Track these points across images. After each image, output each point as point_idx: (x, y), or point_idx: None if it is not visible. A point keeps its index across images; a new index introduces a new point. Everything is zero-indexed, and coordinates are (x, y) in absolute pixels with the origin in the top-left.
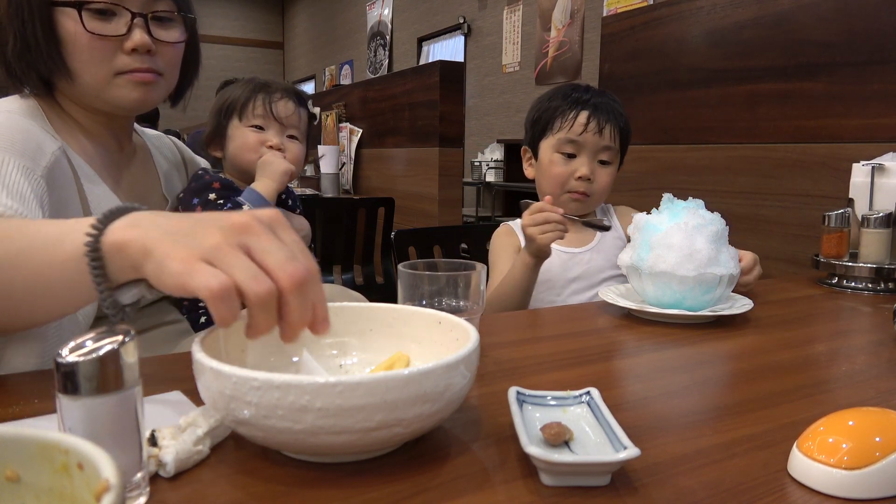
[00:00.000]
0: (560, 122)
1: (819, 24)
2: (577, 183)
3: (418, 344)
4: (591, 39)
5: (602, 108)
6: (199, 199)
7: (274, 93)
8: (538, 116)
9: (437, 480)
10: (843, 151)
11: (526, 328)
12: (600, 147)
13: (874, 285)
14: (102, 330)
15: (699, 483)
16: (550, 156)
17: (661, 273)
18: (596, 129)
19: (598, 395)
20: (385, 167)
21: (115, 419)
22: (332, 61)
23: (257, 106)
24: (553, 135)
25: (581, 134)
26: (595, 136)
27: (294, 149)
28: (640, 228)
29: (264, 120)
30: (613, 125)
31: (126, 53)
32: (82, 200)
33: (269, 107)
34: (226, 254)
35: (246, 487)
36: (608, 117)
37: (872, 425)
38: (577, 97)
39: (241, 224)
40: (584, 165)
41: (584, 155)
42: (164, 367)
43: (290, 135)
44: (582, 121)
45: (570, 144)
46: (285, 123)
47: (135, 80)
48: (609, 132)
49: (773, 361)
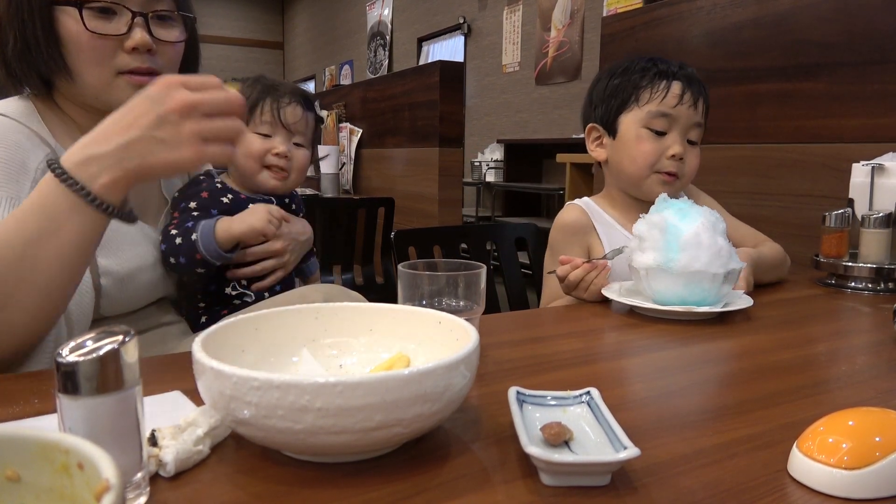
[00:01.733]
0: (649, 94)
1: (819, 24)
2: (669, 162)
3: (418, 344)
4: (591, 39)
5: (694, 79)
6: (183, 203)
7: (282, 97)
8: (615, 89)
9: (437, 480)
10: (843, 151)
11: (526, 328)
12: (692, 123)
13: (874, 285)
14: (102, 330)
15: (699, 483)
16: (637, 131)
17: (696, 273)
18: (691, 102)
19: (598, 395)
20: (385, 167)
21: (115, 419)
22: (332, 61)
23: (265, 112)
24: (640, 107)
25: (675, 106)
26: (689, 110)
27: (300, 156)
28: (664, 230)
29: (272, 127)
30: (703, 99)
31: (126, 52)
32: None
33: (276, 113)
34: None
35: (246, 487)
36: (699, 90)
37: (872, 425)
38: (664, 68)
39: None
40: (676, 143)
41: (675, 131)
42: (164, 367)
43: (296, 142)
44: (676, 91)
45: (662, 119)
46: (292, 130)
47: (135, 82)
48: (701, 107)
49: (773, 361)
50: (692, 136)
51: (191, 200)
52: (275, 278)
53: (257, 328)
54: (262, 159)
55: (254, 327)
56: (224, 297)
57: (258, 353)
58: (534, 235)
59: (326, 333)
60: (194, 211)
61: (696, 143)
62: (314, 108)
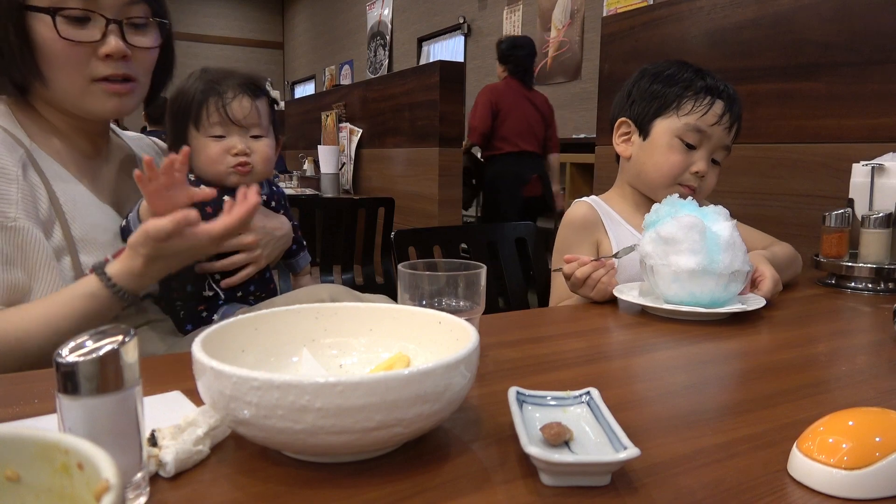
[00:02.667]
0: (692, 106)
1: (819, 24)
2: (691, 177)
3: (418, 344)
4: (591, 39)
5: (735, 102)
6: None
7: (225, 93)
8: (659, 91)
9: (437, 480)
10: (843, 151)
11: (526, 328)
12: (722, 144)
13: (874, 285)
14: (102, 330)
15: (699, 483)
16: (670, 140)
17: (736, 272)
18: (728, 124)
19: (598, 395)
20: (385, 167)
21: (115, 419)
22: (332, 61)
23: (212, 113)
24: (679, 116)
25: (713, 125)
26: (724, 132)
27: (260, 148)
28: (703, 231)
29: (223, 127)
30: (738, 124)
31: (100, 59)
32: (53, 201)
33: (224, 112)
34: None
35: (246, 487)
36: (737, 115)
37: (872, 425)
38: (711, 84)
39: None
40: (702, 160)
41: (704, 148)
42: (164, 367)
43: (253, 135)
44: (717, 111)
45: (697, 134)
46: (245, 125)
47: (110, 90)
48: (734, 131)
49: (773, 361)
50: (718, 156)
51: None
52: (245, 274)
53: (257, 328)
54: (222, 162)
55: (254, 327)
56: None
57: (258, 353)
58: (534, 235)
59: (326, 333)
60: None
61: (717, 164)
62: (265, 93)
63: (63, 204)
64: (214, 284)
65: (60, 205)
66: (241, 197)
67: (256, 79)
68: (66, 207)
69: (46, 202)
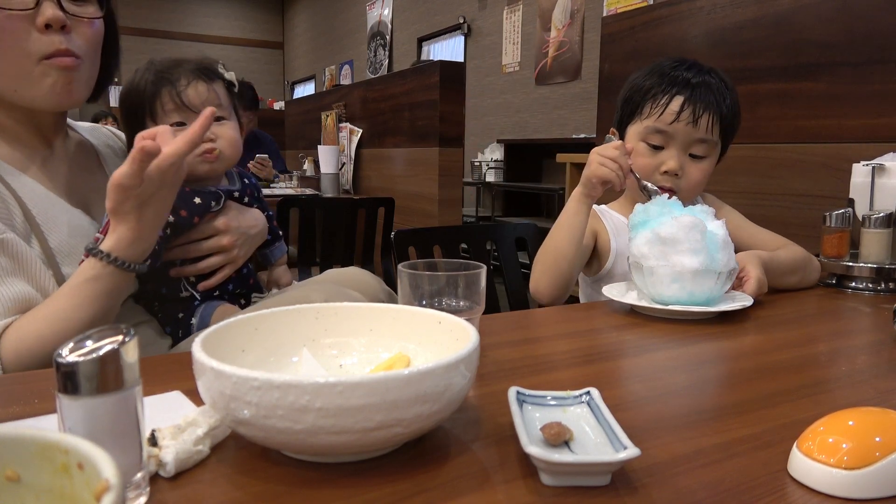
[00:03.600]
0: (650, 108)
1: (819, 24)
2: (663, 178)
3: (418, 344)
4: (591, 39)
5: (702, 92)
6: None
7: (179, 80)
8: (629, 96)
9: (437, 480)
10: (843, 151)
11: (526, 328)
12: (693, 139)
13: (874, 285)
14: (102, 330)
15: (699, 483)
16: (636, 144)
17: (732, 270)
18: (690, 119)
19: (598, 395)
20: (385, 167)
21: (115, 419)
22: (332, 61)
23: (166, 102)
24: (641, 121)
25: (671, 123)
26: (688, 127)
27: (226, 132)
28: (703, 231)
29: (180, 114)
30: (713, 114)
31: (40, 32)
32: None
33: (178, 99)
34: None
35: (246, 487)
36: (707, 104)
37: (872, 425)
38: (676, 76)
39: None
40: (672, 159)
41: (673, 147)
42: (164, 367)
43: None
44: (674, 108)
45: (658, 135)
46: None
47: (56, 64)
48: (707, 122)
49: (773, 361)
50: (697, 150)
51: None
52: (222, 275)
53: (257, 328)
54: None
55: (254, 327)
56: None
57: (258, 353)
58: (534, 235)
59: (326, 333)
60: None
61: (701, 158)
62: (219, 76)
63: (36, 216)
64: (189, 287)
65: (34, 216)
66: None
67: (208, 63)
68: (40, 219)
69: (20, 216)
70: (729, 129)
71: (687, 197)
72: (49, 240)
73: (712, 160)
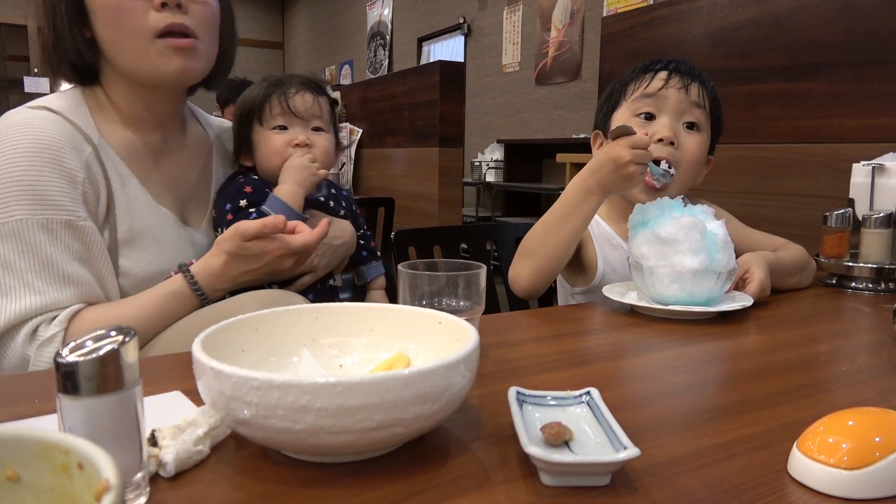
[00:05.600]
0: (635, 85)
1: (819, 24)
2: (658, 147)
3: (418, 344)
4: (591, 39)
5: (685, 66)
6: (231, 205)
7: (289, 88)
8: (610, 92)
9: (437, 480)
10: (843, 151)
11: (526, 328)
12: (687, 104)
13: (874, 285)
14: (102, 330)
15: (699, 483)
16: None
17: (732, 270)
18: (680, 85)
19: (598, 395)
20: (385, 167)
21: (115, 419)
22: (332, 61)
23: (274, 106)
24: (627, 101)
25: (661, 89)
26: (679, 93)
27: (322, 142)
28: (703, 231)
29: (285, 118)
30: (701, 85)
31: (157, 10)
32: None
33: (286, 104)
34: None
35: (246, 487)
36: (693, 75)
37: (872, 425)
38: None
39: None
40: (665, 127)
41: (665, 115)
42: (164, 367)
43: (314, 127)
44: (662, 76)
45: (648, 100)
46: (307, 117)
47: (173, 45)
48: (697, 91)
49: (773, 361)
50: (690, 117)
51: (238, 199)
52: (301, 283)
53: (257, 328)
54: (283, 153)
55: (254, 327)
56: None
57: (258, 353)
58: None
59: (326, 333)
60: (249, 207)
61: (697, 128)
62: (326, 92)
63: (118, 206)
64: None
65: (115, 206)
66: (324, 223)
67: (317, 79)
68: (119, 210)
69: (105, 202)
70: (715, 114)
71: (687, 173)
72: (119, 230)
73: (706, 137)
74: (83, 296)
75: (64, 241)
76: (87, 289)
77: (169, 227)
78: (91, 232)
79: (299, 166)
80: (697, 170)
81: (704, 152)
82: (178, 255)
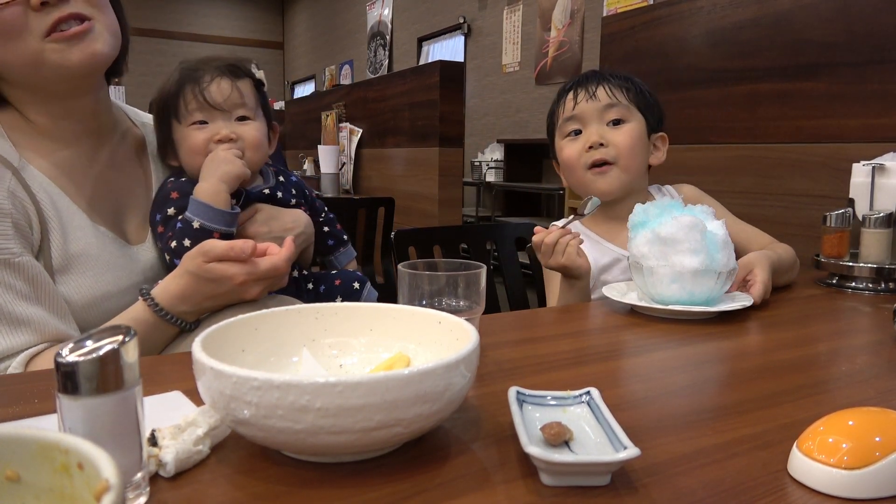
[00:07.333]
0: (558, 112)
1: (819, 24)
2: (590, 153)
3: (418, 344)
4: (591, 39)
5: (588, 76)
6: (160, 216)
7: (202, 77)
8: (548, 124)
9: (437, 480)
10: (843, 151)
11: (526, 328)
12: (600, 108)
13: (875, 285)
14: (103, 330)
15: (699, 483)
16: (560, 144)
17: (732, 270)
18: (587, 96)
19: (598, 394)
20: (385, 167)
21: (115, 419)
22: (332, 61)
23: (189, 101)
24: (557, 129)
25: (575, 107)
26: (590, 103)
27: (249, 132)
28: (703, 231)
29: (203, 112)
30: (607, 84)
31: (37, 11)
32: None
33: (202, 96)
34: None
35: (246, 487)
36: (598, 80)
37: (872, 425)
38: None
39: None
40: (591, 134)
41: (589, 126)
42: (164, 367)
43: (239, 117)
44: (572, 97)
45: (571, 122)
46: (227, 108)
47: (66, 37)
48: (605, 91)
49: (773, 361)
50: (611, 116)
51: (166, 207)
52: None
53: (257, 328)
54: (206, 151)
55: (254, 327)
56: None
57: (258, 353)
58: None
59: (326, 333)
60: (177, 215)
61: (622, 122)
62: (248, 73)
63: (51, 231)
64: None
65: (49, 231)
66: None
67: (235, 60)
68: (53, 234)
69: (38, 227)
70: (638, 94)
71: (627, 164)
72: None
73: (637, 124)
74: (39, 336)
75: (4, 282)
76: (42, 326)
77: (108, 246)
78: (31, 266)
79: (221, 159)
80: (639, 151)
81: (639, 135)
82: (120, 276)
